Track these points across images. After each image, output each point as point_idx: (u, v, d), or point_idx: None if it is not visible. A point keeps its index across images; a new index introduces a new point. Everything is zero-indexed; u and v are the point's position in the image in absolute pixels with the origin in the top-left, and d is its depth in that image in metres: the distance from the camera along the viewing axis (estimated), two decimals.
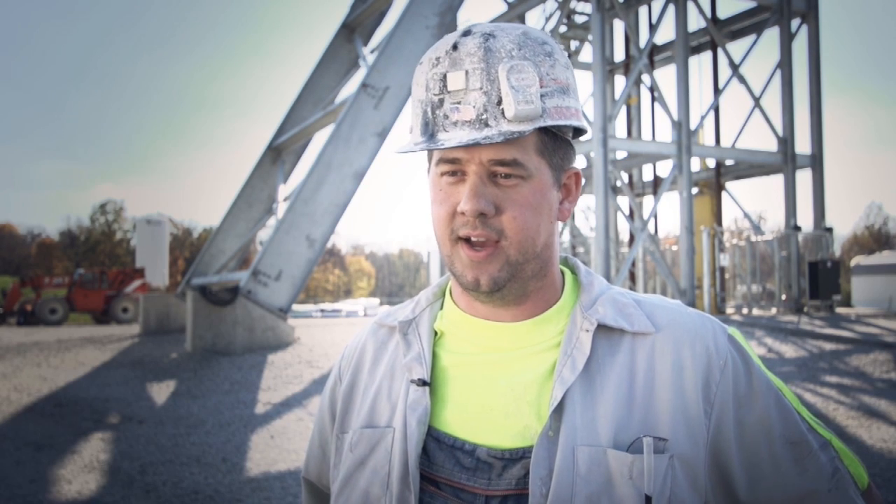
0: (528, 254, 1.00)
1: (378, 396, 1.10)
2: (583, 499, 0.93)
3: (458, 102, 0.96)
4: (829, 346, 11.05)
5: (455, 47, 0.97)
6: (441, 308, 1.13)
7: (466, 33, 0.98)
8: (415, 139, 1.01)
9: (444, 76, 0.97)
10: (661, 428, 0.97)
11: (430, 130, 0.98)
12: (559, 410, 0.97)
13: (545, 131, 0.99)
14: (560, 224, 1.08)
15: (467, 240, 0.99)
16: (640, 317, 1.04)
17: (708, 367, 1.00)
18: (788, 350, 11.02)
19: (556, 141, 1.02)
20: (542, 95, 0.96)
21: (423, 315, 1.12)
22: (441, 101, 0.97)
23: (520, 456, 0.98)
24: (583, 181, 1.09)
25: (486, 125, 0.94)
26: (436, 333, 1.10)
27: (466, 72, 0.95)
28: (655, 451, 0.95)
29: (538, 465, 0.95)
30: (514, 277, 1.00)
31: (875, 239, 52.50)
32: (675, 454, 0.96)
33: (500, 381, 1.02)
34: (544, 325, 1.05)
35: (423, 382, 1.04)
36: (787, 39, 18.50)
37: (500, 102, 0.94)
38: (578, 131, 1.04)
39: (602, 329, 1.02)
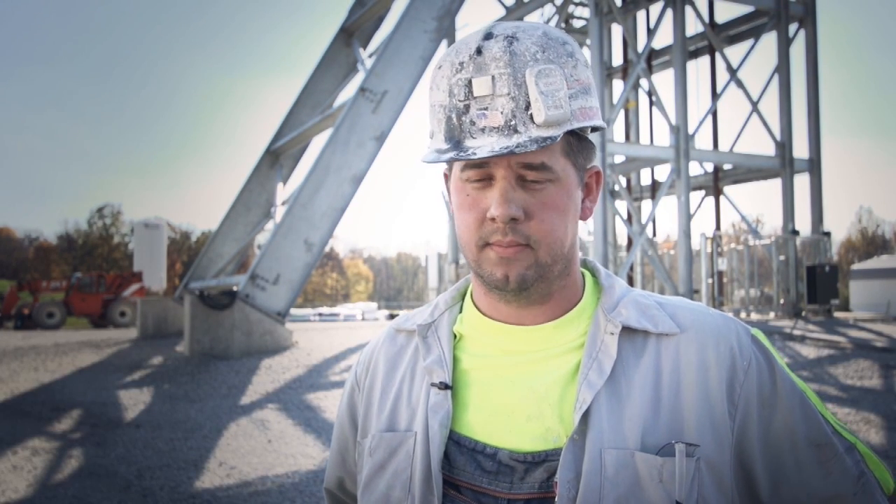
0: (556, 255, 1.00)
1: (398, 401, 1.09)
2: (611, 501, 0.93)
3: (485, 108, 0.95)
4: (825, 352, 11.05)
5: (479, 51, 0.95)
6: (460, 311, 1.12)
7: (488, 36, 0.97)
8: (437, 145, 0.99)
9: (470, 81, 0.95)
10: (688, 430, 0.96)
11: (455, 137, 0.97)
12: (585, 413, 0.96)
13: (570, 133, 0.99)
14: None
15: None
16: (664, 318, 1.03)
17: (732, 367, 1.00)
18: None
19: (581, 141, 1.02)
20: (568, 97, 0.95)
21: (442, 318, 1.11)
22: (467, 107, 0.96)
23: (542, 459, 0.97)
24: (603, 179, 1.09)
25: (516, 131, 0.93)
26: (455, 336, 1.09)
27: (493, 77, 0.94)
28: (686, 455, 0.95)
29: (566, 468, 0.94)
30: (541, 278, 1.00)
31: (869, 243, 52.52)
32: (701, 457, 0.95)
33: (522, 383, 1.02)
34: (566, 327, 1.04)
35: (444, 386, 1.03)
36: (784, 44, 18.54)
37: (528, 108, 0.94)
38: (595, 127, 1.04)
39: (626, 331, 1.02)
